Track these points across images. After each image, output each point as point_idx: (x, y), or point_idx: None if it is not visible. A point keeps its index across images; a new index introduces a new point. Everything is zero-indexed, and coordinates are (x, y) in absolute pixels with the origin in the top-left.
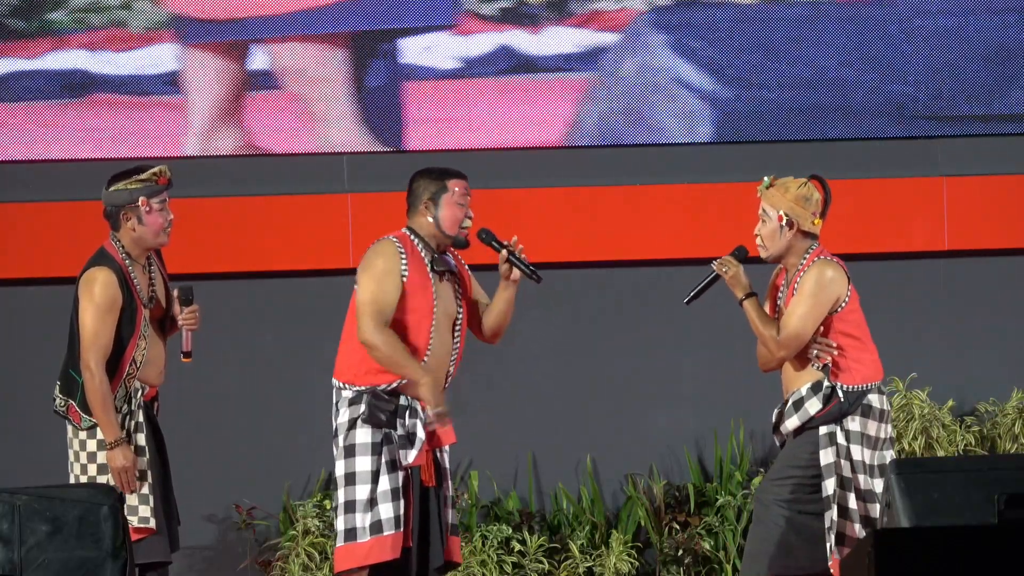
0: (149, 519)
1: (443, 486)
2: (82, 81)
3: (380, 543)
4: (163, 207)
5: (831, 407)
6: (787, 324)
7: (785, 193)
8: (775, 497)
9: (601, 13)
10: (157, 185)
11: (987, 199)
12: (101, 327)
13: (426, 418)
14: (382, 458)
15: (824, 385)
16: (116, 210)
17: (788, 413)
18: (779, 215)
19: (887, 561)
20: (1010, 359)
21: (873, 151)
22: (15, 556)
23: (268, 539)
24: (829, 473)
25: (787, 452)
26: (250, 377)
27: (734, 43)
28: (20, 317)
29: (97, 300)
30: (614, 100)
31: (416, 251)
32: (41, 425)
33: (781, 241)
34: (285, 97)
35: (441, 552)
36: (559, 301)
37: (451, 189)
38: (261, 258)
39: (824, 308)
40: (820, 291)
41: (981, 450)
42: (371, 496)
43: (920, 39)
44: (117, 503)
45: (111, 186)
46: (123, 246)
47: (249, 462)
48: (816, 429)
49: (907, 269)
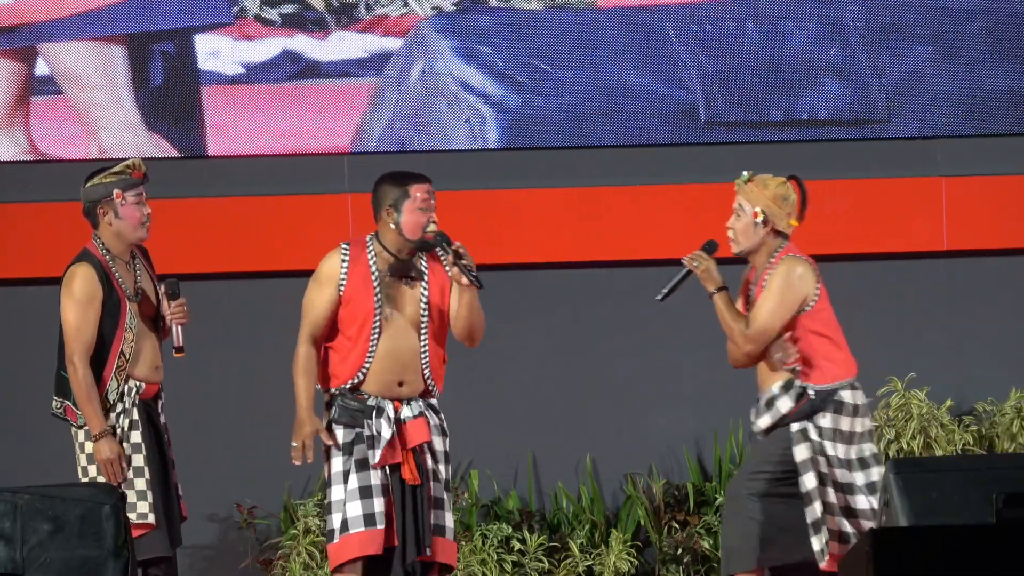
0: (148, 515)
1: (426, 486)
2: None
3: (348, 541)
4: (139, 200)
5: (801, 405)
6: (755, 319)
7: (764, 190)
8: (748, 491)
9: (385, 18)
10: (132, 178)
11: (986, 199)
12: (82, 322)
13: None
14: (352, 457)
15: (795, 384)
16: (93, 206)
17: (760, 411)
18: (755, 211)
19: (885, 560)
20: (1008, 359)
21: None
22: (17, 555)
23: (269, 538)
24: (806, 468)
25: (760, 449)
26: (250, 377)
27: (518, 48)
28: (20, 317)
29: (76, 295)
30: (400, 105)
31: (364, 257)
32: (41, 425)
33: (754, 237)
34: (66, 102)
35: (416, 549)
36: (559, 301)
37: (412, 195)
38: (261, 258)
39: (793, 305)
40: (788, 288)
41: (979, 449)
42: (343, 496)
43: (696, 46)
44: (119, 502)
45: (88, 182)
46: (103, 243)
47: (250, 462)
48: (788, 427)
49: (906, 269)
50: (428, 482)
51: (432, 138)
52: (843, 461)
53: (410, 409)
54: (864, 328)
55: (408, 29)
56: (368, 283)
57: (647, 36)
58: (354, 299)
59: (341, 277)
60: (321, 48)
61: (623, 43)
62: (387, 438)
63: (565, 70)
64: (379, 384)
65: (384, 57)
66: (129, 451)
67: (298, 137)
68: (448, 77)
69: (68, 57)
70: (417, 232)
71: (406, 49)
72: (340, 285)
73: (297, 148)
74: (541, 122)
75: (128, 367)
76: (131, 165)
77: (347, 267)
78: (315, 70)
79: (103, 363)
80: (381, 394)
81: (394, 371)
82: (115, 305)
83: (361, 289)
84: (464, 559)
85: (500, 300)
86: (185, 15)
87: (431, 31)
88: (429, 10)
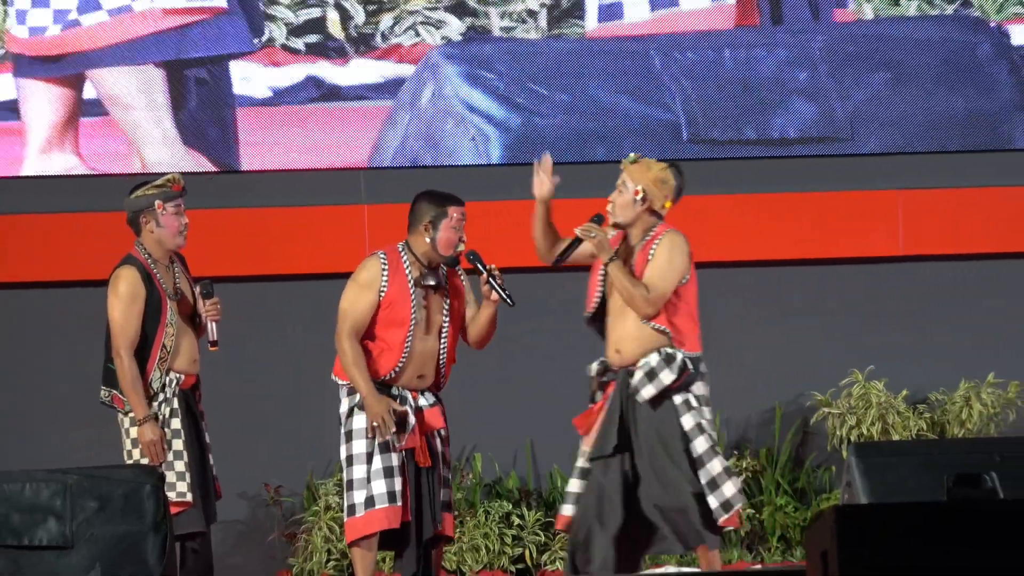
0: (186, 494)
1: (438, 467)
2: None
3: (374, 516)
4: (178, 211)
5: (684, 377)
6: (654, 285)
7: (647, 172)
8: (687, 478)
9: (399, 47)
10: (172, 191)
11: (938, 210)
12: (127, 317)
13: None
14: (376, 441)
15: (670, 353)
16: (136, 215)
17: (642, 383)
18: (636, 189)
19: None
20: (958, 353)
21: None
22: (67, 530)
23: (294, 514)
24: (696, 434)
25: (656, 430)
26: (278, 370)
27: (518, 74)
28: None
29: (121, 294)
30: (412, 125)
31: (401, 266)
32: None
33: (631, 213)
34: (112, 122)
35: (432, 525)
36: (554, 303)
37: (450, 215)
38: (287, 263)
39: (680, 272)
40: (679, 255)
41: (932, 435)
42: (366, 475)
43: (678, 72)
44: (159, 483)
45: (131, 194)
46: (145, 249)
47: (277, 446)
48: (671, 398)
49: (866, 273)
50: (438, 464)
51: (441, 154)
52: (712, 423)
53: (425, 399)
54: (828, 325)
55: (420, 57)
56: (406, 290)
57: (635, 63)
58: (394, 303)
59: (383, 283)
60: (341, 74)
61: (613, 69)
62: (412, 424)
63: (561, 93)
64: (405, 378)
65: (398, 82)
66: (169, 436)
67: (320, 154)
68: (455, 100)
69: (113, 82)
70: (449, 249)
71: (418, 75)
72: (381, 290)
73: (319, 164)
74: (539, 140)
75: (169, 360)
76: (171, 179)
77: (387, 274)
78: (336, 93)
79: (146, 356)
80: (404, 386)
81: (417, 367)
82: (157, 304)
83: (400, 295)
84: (468, 533)
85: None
86: (216, 44)
87: (440, 58)
88: (439, 40)
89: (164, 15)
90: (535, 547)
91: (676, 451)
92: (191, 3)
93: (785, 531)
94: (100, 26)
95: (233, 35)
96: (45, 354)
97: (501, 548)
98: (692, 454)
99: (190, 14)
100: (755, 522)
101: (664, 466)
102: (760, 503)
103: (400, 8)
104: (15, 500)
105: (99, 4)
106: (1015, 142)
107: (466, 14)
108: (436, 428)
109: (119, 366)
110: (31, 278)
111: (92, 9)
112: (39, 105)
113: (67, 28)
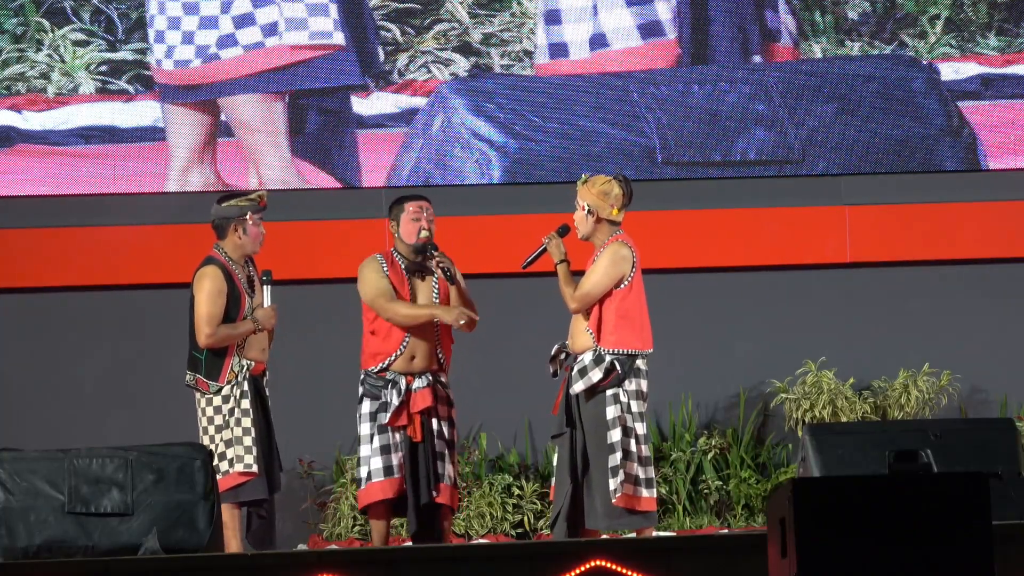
0: (252, 466)
1: (432, 443)
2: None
3: (372, 487)
4: (259, 223)
5: (612, 378)
6: (582, 286)
7: (591, 188)
8: (601, 466)
9: (414, 82)
10: (259, 205)
11: (880, 223)
12: (212, 308)
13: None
14: (376, 423)
15: (599, 353)
16: (226, 222)
17: (575, 379)
18: (583, 205)
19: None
20: (897, 346)
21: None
22: (128, 499)
23: (324, 485)
24: (614, 425)
25: (589, 418)
26: (313, 360)
27: (516, 105)
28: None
29: (207, 288)
30: (424, 149)
31: (395, 262)
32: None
33: (586, 226)
34: (238, 144)
35: (428, 493)
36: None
37: (406, 209)
38: (320, 268)
39: (613, 279)
40: (611, 265)
41: (875, 417)
42: (368, 453)
43: (653, 103)
44: (208, 458)
45: (223, 203)
46: (225, 252)
47: (310, 425)
48: (603, 393)
49: (818, 277)
50: (432, 439)
51: (449, 175)
52: (641, 416)
53: (419, 381)
54: (785, 322)
55: (431, 90)
56: (403, 281)
57: (615, 96)
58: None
59: (385, 273)
60: (363, 105)
61: (596, 101)
62: (395, 404)
63: (553, 122)
64: (402, 361)
65: (412, 112)
66: (239, 414)
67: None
68: (462, 127)
69: (241, 108)
70: (412, 237)
71: (429, 106)
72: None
73: (344, 183)
74: (534, 162)
75: (244, 348)
76: (260, 195)
77: (386, 268)
78: (359, 122)
79: (226, 345)
80: (400, 370)
81: (413, 350)
82: (236, 299)
83: (399, 286)
84: (475, 502)
85: (501, 302)
86: (337, 78)
87: (449, 92)
88: (447, 76)
89: (290, 51)
90: (532, 514)
91: (600, 439)
92: (313, 40)
93: (749, 500)
94: (237, 60)
95: (346, 70)
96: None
97: (503, 515)
98: (607, 441)
99: (311, 51)
100: (723, 492)
101: (593, 452)
102: (727, 476)
103: (414, 49)
104: (84, 473)
105: (236, 40)
106: (944, 164)
107: (471, 53)
108: (426, 407)
109: (210, 338)
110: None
111: (230, 45)
112: (180, 128)
113: (207, 62)
